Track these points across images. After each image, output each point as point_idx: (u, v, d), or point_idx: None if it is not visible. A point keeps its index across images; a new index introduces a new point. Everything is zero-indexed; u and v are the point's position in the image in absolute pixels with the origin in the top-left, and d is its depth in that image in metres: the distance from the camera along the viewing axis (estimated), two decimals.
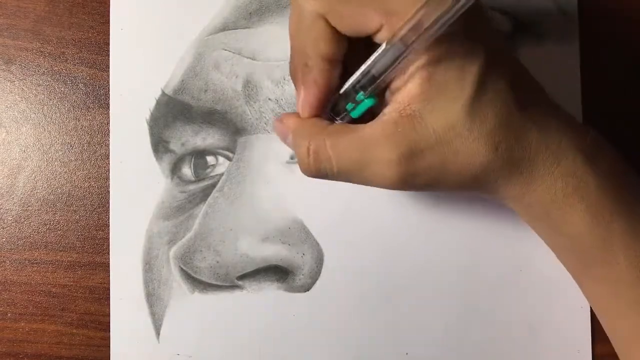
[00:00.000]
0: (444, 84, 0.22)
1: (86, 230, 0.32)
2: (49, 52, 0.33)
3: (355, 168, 0.24)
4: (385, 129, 0.23)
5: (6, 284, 0.32)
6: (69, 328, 0.32)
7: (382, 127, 0.23)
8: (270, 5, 0.32)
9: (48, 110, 0.33)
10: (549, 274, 0.32)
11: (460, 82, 0.22)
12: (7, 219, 0.33)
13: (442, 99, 0.23)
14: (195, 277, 0.32)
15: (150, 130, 0.32)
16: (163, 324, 0.32)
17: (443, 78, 0.22)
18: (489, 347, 0.32)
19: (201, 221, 0.32)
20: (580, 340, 0.31)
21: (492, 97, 0.23)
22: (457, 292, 0.32)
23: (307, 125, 0.25)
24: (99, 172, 0.33)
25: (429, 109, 0.23)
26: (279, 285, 0.32)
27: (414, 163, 0.23)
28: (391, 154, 0.23)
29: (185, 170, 0.32)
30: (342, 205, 0.32)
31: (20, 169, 0.33)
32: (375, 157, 0.23)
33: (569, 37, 0.32)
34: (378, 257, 0.32)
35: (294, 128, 0.25)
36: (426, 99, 0.23)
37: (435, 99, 0.23)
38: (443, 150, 0.23)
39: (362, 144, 0.23)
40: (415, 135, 0.23)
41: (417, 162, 0.23)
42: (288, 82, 0.32)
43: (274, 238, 0.32)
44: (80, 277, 0.32)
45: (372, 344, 0.32)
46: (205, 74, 0.32)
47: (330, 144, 0.24)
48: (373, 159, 0.23)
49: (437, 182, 0.24)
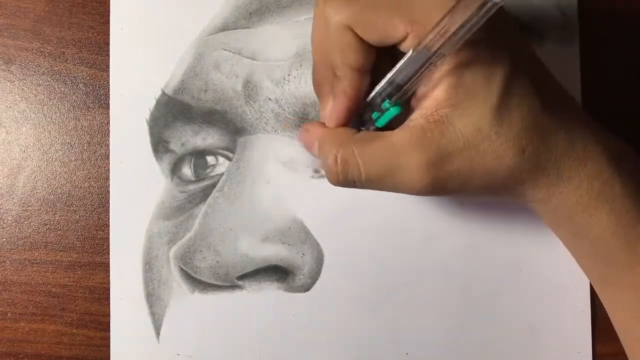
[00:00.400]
0: (472, 89, 0.23)
1: (86, 230, 0.32)
2: (49, 52, 0.33)
3: (384, 175, 0.24)
4: (413, 134, 0.23)
5: (6, 284, 0.32)
6: (69, 328, 0.32)
7: (410, 133, 0.23)
8: (270, 5, 0.32)
9: (48, 110, 0.33)
10: (549, 274, 0.32)
11: (488, 86, 0.23)
12: (7, 219, 0.33)
13: (469, 104, 0.23)
14: (195, 277, 0.32)
15: (150, 130, 0.32)
16: (163, 324, 0.32)
17: (470, 83, 0.23)
18: (489, 347, 0.32)
19: (201, 221, 0.32)
20: (581, 341, 0.31)
21: (518, 101, 0.23)
22: (457, 292, 0.32)
23: (334, 134, 0.25)
24: (99, 172, 0.33)
25: (457, 114, 0.23)
26: (279, 285, 0.32)
27: (443, 168, 0.23)
28: (420, 159, 0.23)
29: (185, 170, 0.32)
30: (342, 205, 0.32)
31: (20, 169, 0.33)
32: (404, 164, 0.23)
33: (569, 37, 0.32)
34: (378, 257, 0.32)
35: (320, 137, 0.26)
36: (454, 104, 0.23)
37: (463, 104, 0.23)
38: (471, 155, 0.23)
39: (390, 150, 0.24)
40: (444, 140, 0.23)
41: (446, 167, 0.23)
42: (288, 82, 0.32)
43: (274, 238, 0.32)
44: (80, 277, 0.32)
45: (372, 344, 0.32)
46: (205, 74, 0.32)
47: (359, 152, 0.24)
48: (402, 165, 0.23)
49: (466, 186, 0.24)
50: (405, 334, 0.32)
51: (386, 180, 0.24)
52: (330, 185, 0.25)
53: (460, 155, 0.23)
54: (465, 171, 0.23)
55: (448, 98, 0.23)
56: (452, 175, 0.23)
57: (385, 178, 0.24)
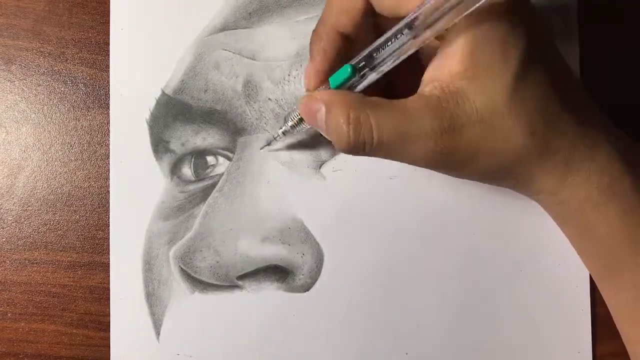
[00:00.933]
0: (488, 63, 0.23)
1: (86, 230, 0.32)
2: (49, 52, 0.33)
3: (396, 139, 0.24)
4: (429, 102, 0.23)
5: (6, 284, 0.32)
6: (69, 328, 0.32)
7: (425, 101, 0.23)
8: (270, 5, 0.32)
9: (48, 110, 0.33)
10: (549, 274, 0.32)
11: (504, 63, 0.23)
12: (7, 219, 0.33)
13: (485, 78, 0.23)
14: (195, 277, 0.32)
15: (150, 130, 0.32)
16: (163, 324, 0.32)
17: (487, 57, 0.23)
18: (489, 347, 0.32)
19: (201, 221, 0.32)
20: (581, 340, 0.31)
21: (533, 79, 0.23)
22: (457, 292, 0.32)
23: (344, 96, 0.25)
24: (99, 172, 0.33)
25: (473, 88, 0.23)
26: (279, 285, 0.32)
27: (454, 138, 0.23)
28: (434, 125, 0.23)
29: (185, 170, 0.32)
30: (342, 205, 0.32)
31: (20, 169, 0.33)
32: (417, 129, 0.23)
33: (569, 37, 0.32)
34: (378, 257, 0.32)
35: (328, 100, 0.25)
36: (469, 77, 0.23)
37: (479, 77, 0.23)
38: (483, 127, 0.23)
39: (404, 115, 0.23)
40: (459, 110, 0.23)
41: (457, 137, 0.23)
42: (288, 82, 0.32)
43: (274, 238, 0.32)
44: (80, 277, 0.32)
45: (372, 344, 0.32)
46: (205, 74, 0.32)
47: (372, 114, 0.24)
48: (415, 130, 0.23)
49: (472, 161, 0.24)
50: (405, 334, 0.32)
51: (397, 145, 0.24)
52: (330, 185, 0.25)
53: (473, 128, 0.23)
54: (474, 144, 0.23)
55: (464, 70, 0.23)
56: (461, 146, 0.23)
57: (397, 143, 0.24)
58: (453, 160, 0.24)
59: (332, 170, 0.32)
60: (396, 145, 0.24)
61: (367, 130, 0.24)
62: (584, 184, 0.24)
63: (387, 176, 0.32)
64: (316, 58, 0.26)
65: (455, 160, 0.24)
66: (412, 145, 0.23)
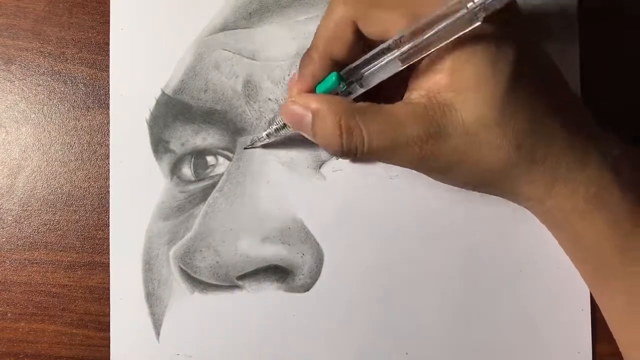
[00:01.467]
0: (475, 77, 0.23)
1: (86, 230, 0.32)
2: (49, 52, 0.33)
3: (385, 145, 0.24)
4: (415, 111, 0.24)
5: (6, 284, 0.32)
6: (69, 328, 0.32)
7: (412, 109, 0.24)
8: (270, 5, 0.32)
9: (48, 110, 0.33)
10: (549, 274, 0.32)
11: (493, 77, 0.23)
12: (7, 219, 0.33)
13: (473, 92, 0.23)
14: (195, 277, 0.32)
15: (150, 130, 0.32)
16: (163, 324, 0.32)
17: (475, 72, 0.23)
18: (489, 347, 0.32)
19: (201, 221, 0.32)
20: (581, 341, 0.31)
21: (522, 94, 0.23)
22: (457, 292, 0.32)
23: (332, 102, 0.25)
24: (99, 172, 0.33)
25: (460, 100, 0.23)
26: (279, 285, 0.32)
27: (439, 145, 0.24)
28: (419, 132, 0.24)
29: (185, 170, 0.32)
30: (342, 205, 0.32)
31: (20, 169, 0.33)
32: (404, 137, 0.24)
33: (569, 37, 0.32)
34: (378, 257, 0.32)
35: (316, 107, 0.26)
36: (456, 90, 0.23)
37: (467, 90, 0.23)
38: (469, 140, 0.23)
39: (392, 122, 0.24)
40: (445, 120, 0.23)
41: (442, 145, 0.24)
42: (288, 82, 0.32)
43: (274, 238, 0.32)
44: (80, 277, 0.32)
45: (372, 344, 0.32)
46: (205, 74, 0.32)
47: (362, 120, 0.24)
48: (402, 137, 0.24)
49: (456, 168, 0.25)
50: (405, 334, 0.32)
51: (386, 150, 0.25)
52: (330, 185, 0.25)
53: (458, 138, 0.24)
54: (459, 153, 0.24)
55: (452, 83, 0.23)
56: (445, 154, 0.24)
57: (386, 148, 0.24)
58: (437, 166, 0.25)
59: (332, 170, 0.32)
60: (385, 150, 0.25)
61: (358, 137, 0.24)
62: (571, 194, 0.24)
63: (387, 176, 0.32)
64: (306, 79, 0.27)
65: (439, 167, 0.25)
66: (400, 150, 0.24)
